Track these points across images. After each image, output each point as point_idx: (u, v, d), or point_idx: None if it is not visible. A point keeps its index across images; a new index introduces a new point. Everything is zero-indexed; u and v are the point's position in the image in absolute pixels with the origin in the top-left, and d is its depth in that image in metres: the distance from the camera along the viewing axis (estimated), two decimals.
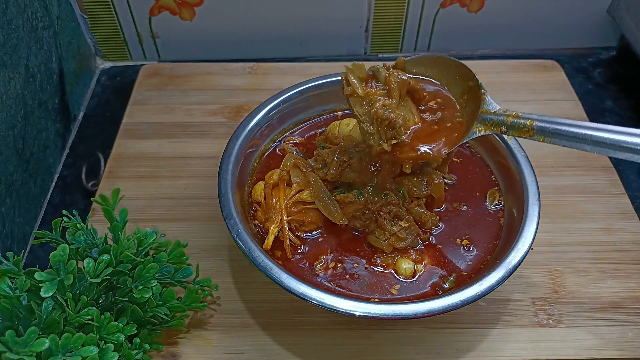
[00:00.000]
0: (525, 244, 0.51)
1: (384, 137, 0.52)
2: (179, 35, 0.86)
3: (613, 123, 0.78)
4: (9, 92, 0.62)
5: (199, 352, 0.54)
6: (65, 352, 0.42)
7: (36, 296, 0.44)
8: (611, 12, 0.85)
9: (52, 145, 0.72)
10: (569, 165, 0.70)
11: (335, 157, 0.55)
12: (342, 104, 0.68)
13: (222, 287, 0.57)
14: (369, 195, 0.55)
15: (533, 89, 0.80)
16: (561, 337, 0.55)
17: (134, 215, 0.60)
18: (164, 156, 0.71)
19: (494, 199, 0.59)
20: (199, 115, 0.77)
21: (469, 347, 0.54)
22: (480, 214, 0.58)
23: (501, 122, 0.50)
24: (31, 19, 0.67)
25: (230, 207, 0.53)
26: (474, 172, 0.62)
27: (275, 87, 0.68)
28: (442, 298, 0.48)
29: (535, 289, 0.58)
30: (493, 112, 0.51)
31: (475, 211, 0.58)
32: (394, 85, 0.52)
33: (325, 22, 0.85)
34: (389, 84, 0.52)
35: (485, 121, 0.51)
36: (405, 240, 0.54)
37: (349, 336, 0.55)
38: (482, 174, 0.62)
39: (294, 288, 0.48)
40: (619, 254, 0.61)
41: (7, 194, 0.61)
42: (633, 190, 0.69)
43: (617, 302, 0.57)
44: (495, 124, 0.51)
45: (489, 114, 0.51)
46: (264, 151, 0.64)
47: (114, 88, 0.84)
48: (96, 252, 0.50)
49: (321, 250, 0.55)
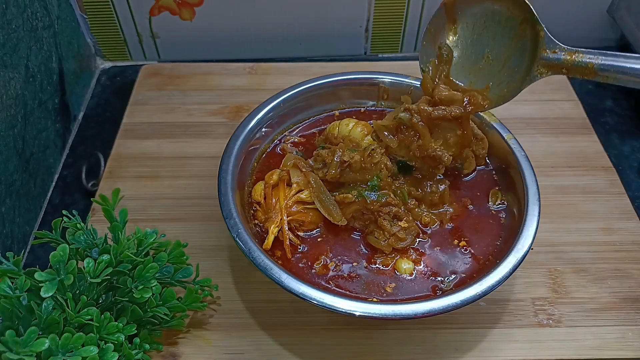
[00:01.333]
0: (525, 244, 0.51)
1: (429, 165, 0.56)
2: (179, 35, 0.86)
3: (613, 123, 0.78)
4: (9, 92, 0.62)
5: (199, 352, 0.54)
6: (65, 352, 0.42)
7: (36, 296, 0.44)
8: (611, 12, 0.85)
9: (52, 145, 0.72)
10: (569, 165, 0.70)
11: (335, 157, 0.55)
12: (341, 104, 0.68)
13: (222, 287, 0.57)
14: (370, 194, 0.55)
15: (533, 89, 0.79)
16: (561, 337, 0.55)
17: (134, 215, 0.60)
18: (164, 156, 0.71)
19: (496, 199, 0.59)
20: (199, 115, 0.77)
21: (469, 347, 0.54)
22: (483, 215, 0.58)
23: (561, 63, 0.48)
24: (31, 19, 0.67)
25: (230, 207, 0.53)
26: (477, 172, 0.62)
27: (275, 87, 0.68)
28: (442, 298, 0.48)
29: (535, 289, 0.58)
30: (552, 51, 0.48)
31: (478, 212, 0.58)
32: (422, 125, 0.55)
33: (325, 22, 0.85)
34: (416, 126, 0.55)
35: (546, 62, 0.49)
36: (404, 241, 0.54)
37: (349, 336, 0.55)
38: (484, 174, 0.61)
39: (294, 288, 0.48)
40: (619, 254, 0.61)
41: (7, 194, 0.61)
42: (633, 190, 0.69)
43: (617, 302, 0.57)
44: (555, 66, 0.48)
45: (548, 54, 0.48)
46: (264, 151, 0.64)
47: (114, 88, 0.84)
48: (96, 252, 0.50)
49: (321, 250, 0.55)
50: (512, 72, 0.53)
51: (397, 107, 0.58)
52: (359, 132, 0.60)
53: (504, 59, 0.54)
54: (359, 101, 0.68)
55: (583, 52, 0.47)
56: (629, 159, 0.73)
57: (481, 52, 0.55)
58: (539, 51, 0.49)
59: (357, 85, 0.67)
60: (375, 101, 0.68)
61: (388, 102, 0.68)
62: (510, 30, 0.53)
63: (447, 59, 0.57)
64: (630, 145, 0.75)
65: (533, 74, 0.50)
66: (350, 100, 0.68)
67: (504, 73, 0.54)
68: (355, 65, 0.83)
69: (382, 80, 0.67)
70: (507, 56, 0.53)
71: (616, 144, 0.75)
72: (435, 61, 0.57)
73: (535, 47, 0.50)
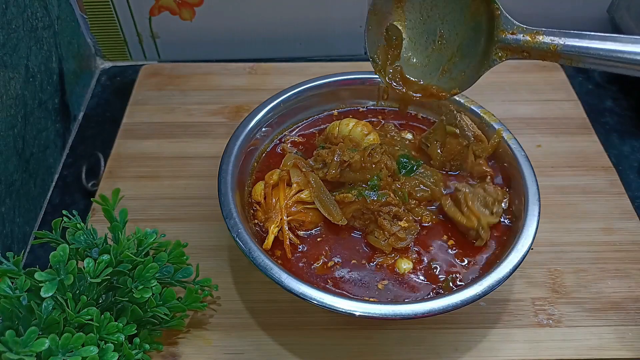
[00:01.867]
0: (525, 244, 0.51)
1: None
2: (179, 35, 0.86)
3: (613, 123, 0.78)
4: (9, 92, 0.62)
5: (199, 352, 0.54)
6: (65, 352, 0.42)
7: (36, 296, 0.44)
8: (611, 12, 0.85)
9: (52, 145, 0.72)
10: (569, 165, 0.70)
11: (336, 157, 0.55)
12: (341, 104, 0.68)
13: (222, 287, 0.57)
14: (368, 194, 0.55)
15: (533, 89, 0.80)
16: (561, 337, 0.55)
17: (134, 215, 0.60)
18: (164, 156, 0.71)
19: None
20: (199, 115, 0.77)
21: (468, 347, 0.54)
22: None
23: (521, 46, 0.43)
24: (31, 19, 0.67)
25: (230, 207, 0.53)
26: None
27: (275, 87, 0.68)
28: (442, 298, 0.48)
29: (535, 289, 0.58)
30: (511, 32, 0.44)
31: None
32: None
33: (325, 22, 0.85)
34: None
35: (504, 45, 0.44)
36: (404, 241, 0.54)
37: (349, 336, 0.55)
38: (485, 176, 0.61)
39: (294, 288, 0.48)
40: (619, 254, 0.61)
41: (7, 194, 0.61)
42: (633, 190, 0.69)
43: (617, 302, 0.57)
44: (514, 49, 0.44)
45: (506, 36, 0.44)
46: (264, 151, 0.64)
47: (114, 88, 0.84)
48: (96, 252, 0.50)
49: (321, 250, 0.55)
50: (469, 56, 0.49)
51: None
52: (359, 132, 0.60)
53: (457, 40, 0.49)
54: (359, 101, 0.68)
55: (544, 33, 0.43)
56: (629, 159, 0.73)
57: (432, 33, 0.51)
58: (496, 32, 0.44)
59: (357, 85, 0.67)
60: (375, 101, 0.68)
61: (388, 102, 0.68)
62: (461, 9, 0.48)
63: (397, 42, 0.53)
64: (630, 145, 0.75)
65: (492, 57, 0.45)
66: (350, 100, 0.68)
67: (459, 57, 0.50)
68: (355, 65, 0.83)
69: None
70: (461, 37, 0.49)
71: (616, 144, 0.75)
72: (385, 46, 0.54)
73: (492, 27, 0.45)
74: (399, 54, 0.53)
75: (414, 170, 0.59)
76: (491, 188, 0.55)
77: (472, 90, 0.55)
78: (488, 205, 0.54)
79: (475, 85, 0.55)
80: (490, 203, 0.54)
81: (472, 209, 0.53)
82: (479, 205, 0.53)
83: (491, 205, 0.54)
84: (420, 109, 0.67)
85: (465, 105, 0.63)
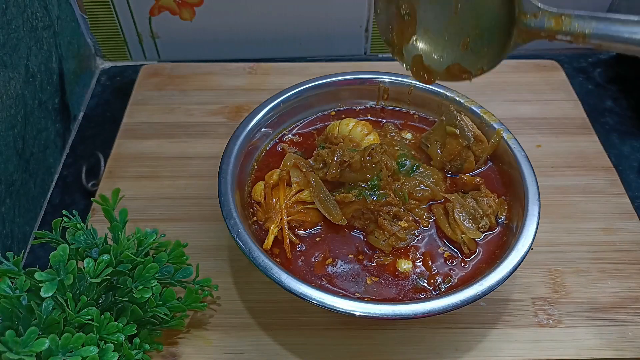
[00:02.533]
0: (525, 244, 0.51)
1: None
2: (179, 35, 0.86)
3: (613, 123, 0.78)
4: (9, 92, 0.62)
5: (199, 352, 0.54)
6: (65, 352, 0.42)
7: (36, 296, 0.44)
8: (611, 12, 0.85)
9: (52, 145, 0.72)
10: (569, 165, 0.70)
11: (336, 157, 0.55)
12: (341, 104, 0.68)
13: (222, 287, 0.57)
14: (369, 194, 0.55)
15: (533, 89, 0.80)
16: (561, 337, 0.55)
17: (134, 215, 0.60)
18: (164, 156, 0.71)
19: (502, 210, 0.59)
20: (199, 115, 0.77)
21: (469, 347, 0.54)
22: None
23: (545, 31, 0.41)
24: (31, 19, 0.67)
25: (230, 207, 0.53)
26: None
27: (275, 87, 0.68)
28: (442, 298, 0.48)
29: (535, 289, 0.58)
30: (533, 15, 0.41)
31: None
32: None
33: (325, 22, 0.85)
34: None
35: (526, 29, 0.42)
36: (404, 241, 0.54)
37: (349, 336, 0.55)
38: (486, 174, 0.61)
39: (294, 288, 0.48)
40: (619, 254, 0.61)
41: (7, 194, 0.61)
42: (633, 190, 0.69)
43: (617, 302, 0.57)
44: (538, 34, 0.41)
45: (528, 19, 0.41)
46: (264, 150, 0.64)
47: (114, 88, 0.84)
48: (96, 252, 0.50)
49: (321, 250, 0.55)
50: (489, 30, 0.45)
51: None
52: (359, 131, 0.60)
53: (475, 12, 0.45)
54: (358, 101, 0.68)
55: (572, 17, 0.40)
56: (629, 159, 0.73)
57: (448, 4, 0.47)
58: (518, 15, 0.42)
59: (357, 85, 0.67)
60: (375, 101, 0.68)
61: (388, 102, 0.68)
62: None
63: (411, 19, 0.49)
64: (630, 145, 0.75)
65: (513, 41, 0.43)
66: (350, 100, 0.68)
67: (478, 32, 0.46)
68: (355, 65, 0.83)
69: (382, 80, 0.67)
70: (479, 11, 0.45)
71: (616, 144, 0.75)
72: (398, 25, 0.50)
73: (512, 8, 0.43)
74: (414, 31, 0.50)
75: (414, 170, 0.59)
76: (484, 200, 0.56)
77: (472, 90, 0.56)
78: (476, 219, 0.55)
79: (475, 85, 0.55)
80: (478, 217, 0.55)
81: (458, 222, 0.54)
82: (465, 218, 0.54)
83: (479, 219, 0.55)
84: (420, 109, 0.67)
85: (465, 105, 0.63)
